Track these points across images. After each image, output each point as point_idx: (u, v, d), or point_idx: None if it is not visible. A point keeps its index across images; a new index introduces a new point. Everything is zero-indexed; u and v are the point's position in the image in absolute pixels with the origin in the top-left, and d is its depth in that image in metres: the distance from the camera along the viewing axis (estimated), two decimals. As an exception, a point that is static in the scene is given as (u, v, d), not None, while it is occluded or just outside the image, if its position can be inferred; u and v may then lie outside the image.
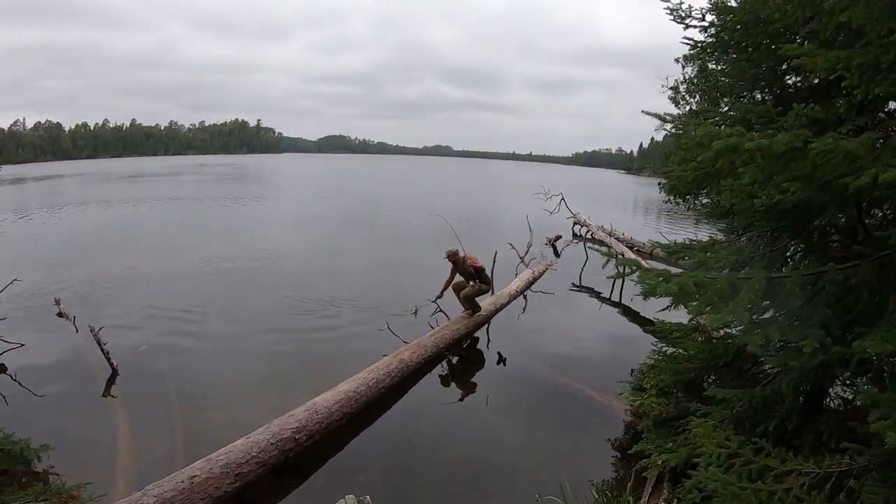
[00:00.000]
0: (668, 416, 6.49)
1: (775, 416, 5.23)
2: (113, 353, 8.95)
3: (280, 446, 6.14)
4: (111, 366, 8.78)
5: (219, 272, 15.64)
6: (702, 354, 6.58)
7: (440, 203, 12.78)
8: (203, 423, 7.41)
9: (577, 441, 7.48)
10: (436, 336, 9.97)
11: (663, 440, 6.13)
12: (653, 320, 8.27)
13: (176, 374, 8.82)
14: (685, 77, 14.44)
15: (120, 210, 31.15)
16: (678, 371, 6.64)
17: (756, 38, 5.91)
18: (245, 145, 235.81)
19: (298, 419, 6.53)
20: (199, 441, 6.68)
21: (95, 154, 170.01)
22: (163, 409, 7.70)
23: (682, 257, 6.58)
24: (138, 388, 8.40)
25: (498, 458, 6.85)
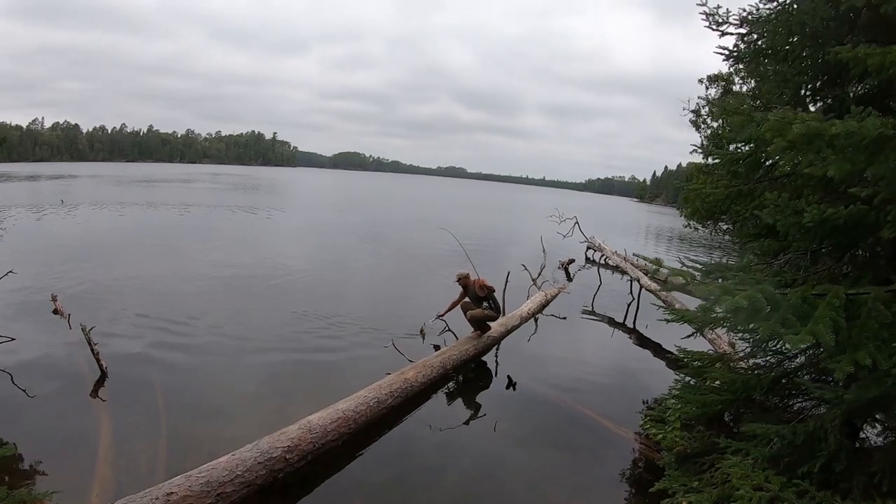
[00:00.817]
0: (693, 452, 6.01)
1: (821, 454, 4.69)
2: (105, 355, 8.63)
3: (269, 466, 5.65)
4: (100, 368, 8.45)
5: (224, 282, 15.22)
6: (732, 386, 6.05)
7: (454, 222, 12.48)
8: (189, 436, 6.96)
9: (591, 474, 7.01)
10: (443, 356, 9.49)
11: (688, 478, 5.64)
12: (671, 349, 7.81)
13: (166, 382, 8.44)
14: (707, 99, 13.95)
15: (130, 213, 30.90)
16: (705, 403, 6.13)
17: (802, 42, 5.48)
18: (260, 157, 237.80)
19: (290, 437, 6.04)
20: (183, 454, 6.36)
21: (111, 157, 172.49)
22: (149, 417, 7.30)
23: (719, 277, 6.00)
24: (126, 393, 8.03)
25: (505, 491, 6.40)
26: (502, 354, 11.31)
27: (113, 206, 33.14)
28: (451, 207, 60.89)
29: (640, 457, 7.26)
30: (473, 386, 9.75)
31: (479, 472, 6.72)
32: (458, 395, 9.20)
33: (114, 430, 6.89)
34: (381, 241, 26.52)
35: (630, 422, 8.29)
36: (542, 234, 22.53)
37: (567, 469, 7.05)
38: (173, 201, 40.22)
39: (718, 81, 14.01)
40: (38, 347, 9.37)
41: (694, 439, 6.18)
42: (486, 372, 10.47)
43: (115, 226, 25.34)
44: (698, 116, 15.38)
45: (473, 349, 10.37)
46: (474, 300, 10.73)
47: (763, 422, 5.24)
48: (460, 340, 10.61)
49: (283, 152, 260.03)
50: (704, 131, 14.87)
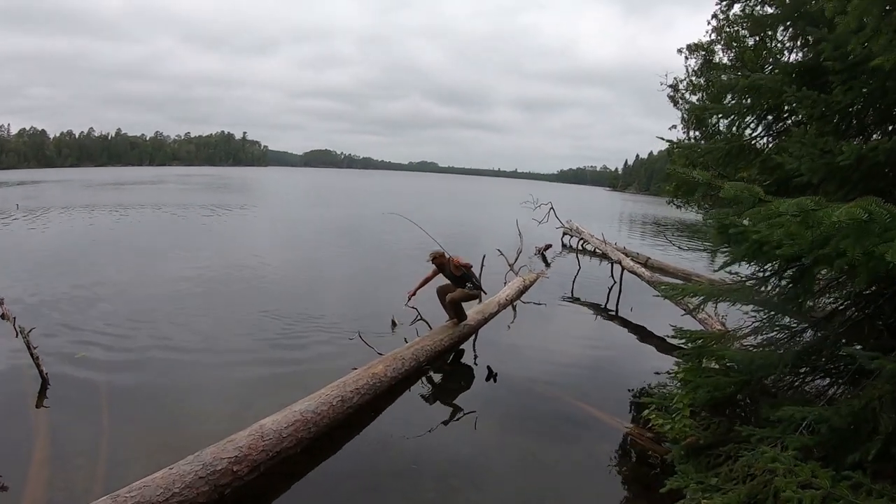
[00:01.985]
0: (706, 443, 5.24)
1: (878, 438, 3.91)
2: (53, 360, 8.05)
3: (212, 480, 4.78)
4: (41, 374, 7.59)
5: (187, 285, 13.96)
6: (749, 365, 5.27)
7: (425, 214, 11.85)
8: (132, 447, 6.13)
9: (588, 475, 6.20)
10: (415, 347, 8.63)
11: (703, 474, 4.86)
12: (658, 332, 7.06)
13: (113, 388, 7.58)
14: (688, 71, 13.26)
15: (96, 216, 29.50)
16: (717, 386, 5.34)
17: None
18: (230, 158, 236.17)
19: (238, 446, 5.16)
20: (123, 469, 5.54)
21: (80, 163, 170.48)
22: (90, 427, 6.47)
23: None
24: (68, 401, 7.21)
25: (490, 496, 5.63)
26: (480, 344, 10.56)
27: (76, 210, 31.79)
28: (420, 200, 60.03)
29: (641, 451, 6.52)
30: (450, 379, 9.00)
31: (460, 476, 5.91)
32: (433, 389, 8.39)
33: (51, 443, 6.12)
34: (345, 236, 25.58)
35: (622, 412, 7.68)
36: (517, 219, 21.92)
37: (560, 470, 6.25)
38: (142, 203, 38.98)
39: (699, 51, 13.29)
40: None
41: (703, 428, 5.41)
42: (464, 363, 9.71)
43: (76, 230, 24.04)
44: (676, 91, 14.67)
45: (449, 339, 9.54)
46: (452, 281, 9.97)
47: (785, 405, 4.46)
48: (434, 330, 9.75)
49: (253, 152, 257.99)
50: (683, 106, 14.17)
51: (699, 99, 13.09)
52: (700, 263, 20.67)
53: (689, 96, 14.03)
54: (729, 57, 12.94)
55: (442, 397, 8.18)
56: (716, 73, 12.86)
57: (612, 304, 14.78)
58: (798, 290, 5.36)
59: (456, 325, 9.91)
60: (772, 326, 5.99)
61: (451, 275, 9.93)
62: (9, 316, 9.71)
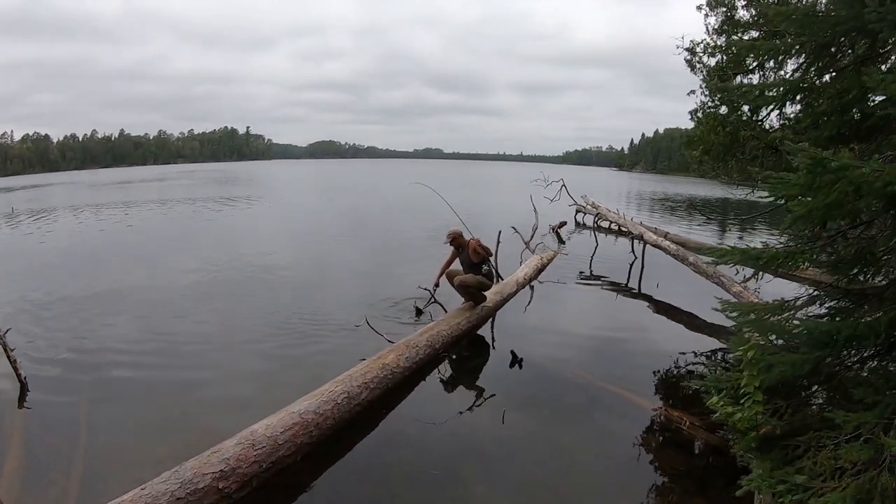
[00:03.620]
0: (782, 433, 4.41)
1: None
2: (37, 363, 7.69)
3: (193, 500, 3.99)
4: (19, 379, 6.96)
5: (188, 284, 13.00)
6: (832, 338, 4.41)
7: (435, 198, 11.34)
8: (111, 458, 5.48)
9: (643, 477, 5.31)
10: (430, 333, 7.84)
11: (783, 470, 4.05)
12: (688, 308, 6.25)
13: (95, 392, 6.91)
14: (708, 29, 12.39)
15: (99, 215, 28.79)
16: (795, 363, 4.48)
17: None
18: (235, 153, 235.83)
19: (225, 458, 4.34)
20: (100, 483, 4.99)
21: (84, 165, 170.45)
22: (66, 436, 5.82)
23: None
24: (47, 406, 6.62)
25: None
26: (499, 327, 9.80)
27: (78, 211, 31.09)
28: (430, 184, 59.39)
29: (699, 444, 5.82)
30: (469, 367, 8.19)
31: (488, 483, 5.09)
32: (451, 380, 7.60)
33: (25, 455, 5.55)
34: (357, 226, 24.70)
35: (658, 393, 7.06)
36: (531, 195, 21.19)
37: (606, 471, 5.46)
38: (148, 200, 38.24)
39: (720, 6, 12.39)
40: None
41: (772, 414, 4.59)
42: (483, 348, 8.95)
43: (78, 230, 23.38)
44: (693, 55, 13.79)
45: (466, 323, 8.77)
46: (467, 266, 9.20)
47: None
48: (450, 313, 8.99)
49: (257, 146, 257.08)
50: (700, 71, 13.31)
51: (718, 62, 12.19)
52: (714, 239, 20.35)
53: (706, 59, 13.11)
54: (751, 14, 12.06)
55: (461, 388, 7.43)
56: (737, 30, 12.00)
57: (633, 280, 13.98)
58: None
59: (472, 307, 9.16)
60: (835, 294, 5.19)
61: (467, 258, 9.20)
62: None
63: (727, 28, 12.29)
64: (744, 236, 22.08)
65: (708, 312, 9.72)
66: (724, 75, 10.31)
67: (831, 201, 3.82)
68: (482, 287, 9.22)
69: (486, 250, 9.07)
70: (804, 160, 3.74)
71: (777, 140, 8.86)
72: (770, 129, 9.01)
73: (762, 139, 9.16)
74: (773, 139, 8.92)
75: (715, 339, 9.07)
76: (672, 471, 5.34)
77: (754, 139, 9.31)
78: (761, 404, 4.50)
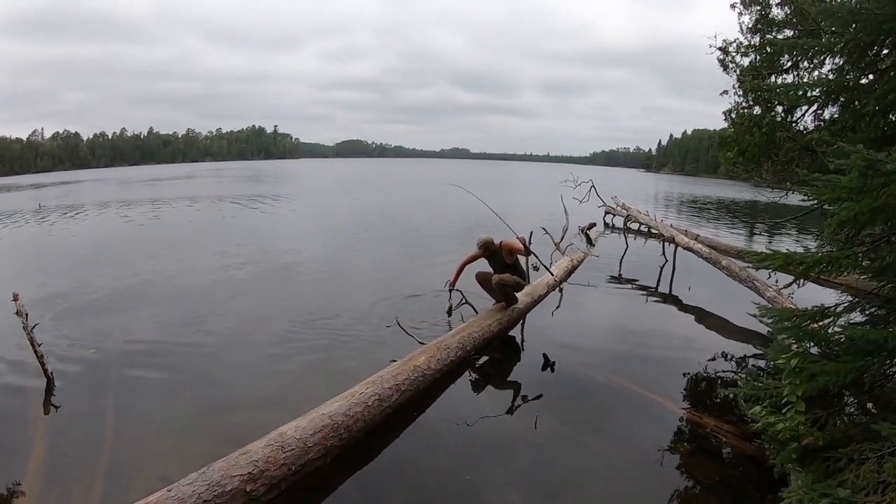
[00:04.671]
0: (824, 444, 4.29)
1: None
2: (65, 357, 7.80)
3: (220, 503, 3.94)
4: (45, 372, 6.99)
5: (223, 279, 13.19)
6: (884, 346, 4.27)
7: (467, 197, 11.20)
8: (136, 457, 5.39)
9: (678, 485, 5.18)
10: (461, 335, 7.74)
11: (824, 483, 3.93)
12: (720, 313, 6.10)
13: (121, 388, 6.87)
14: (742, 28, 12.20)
15: (130, 211, 29.12)
16: (839, 372, 4.35)
17: None
18: (262, 151, 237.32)
19: (253, 460, 4.28)
20: (124, 481, 4.93)
21: (113, 163, 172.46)
22: (91, 432, 5.81)
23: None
24: (73, 402, 6.59)
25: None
26: (529, 329, 9.66)
27: (111, 207, 31.45)
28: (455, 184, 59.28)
29: (732, 451, 5.64)
30: (500, 369, 8.08)
31: (522, 489, 5.00)
32: (482, 382, 7.49)
33: (49, 451, 5.51)
34: (385, 224, 24.65)
35: (697, 402, 6.80)
36: (560, 195, 21.05)
37: (641, 478, 5.33)
38: (176, 197, 38.63)
39: (753, 5, 12.18)
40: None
41: (813, 424, 4.46)
42: (515, 351, 8.85)
43: (110, 226, 23.69)
44: (726, 55, 13.59)
45: (498, 324, 8.66)
46: (500, 269, 9.11)
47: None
48: (481, 314, 8.89)
49: (285, 145, 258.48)
50: (734, 70, 13.10)
51: (751, 61, 11.97)
52: (743, 242, 20.32)
53: (739, 59, 12.89)
54: (785, 13, 11.85)
55: (492, 391, 7.31)
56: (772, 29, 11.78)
57: (664, 284, 13.82)
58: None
59: (504, 308, 9.06)
60: (877, 302, 5.06)
61: (501, 262, 9.11)
62: (22, 312, 9.14)
63: (761, 27, 12.12)
64: (773, 240, 21.76)
65: (740, 317, 9.56)
66: (759, 75, 10.14)
67: (879, 205, 3.70)
68: (518, 287, 9.15)
69: (522, 248, 8.99)
70: (858, 162, 3.61)
71: (813, 142, 8.69)
72: (804, 130, 8.86)
73: (798, 141, 9.00)
74: (809, 141, 8.76)
75: (748, 345, 8.90)
76: (706, 480, 5.20)
77: (790, 140, 9.15)
78: (803, 414, 4.38)
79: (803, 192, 4.93)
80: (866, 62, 5.27)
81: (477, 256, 9.30)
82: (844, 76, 5.28)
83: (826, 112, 6.39)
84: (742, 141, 9.81)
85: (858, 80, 5.24)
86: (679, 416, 6.40)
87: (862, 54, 5.17)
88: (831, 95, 5.22)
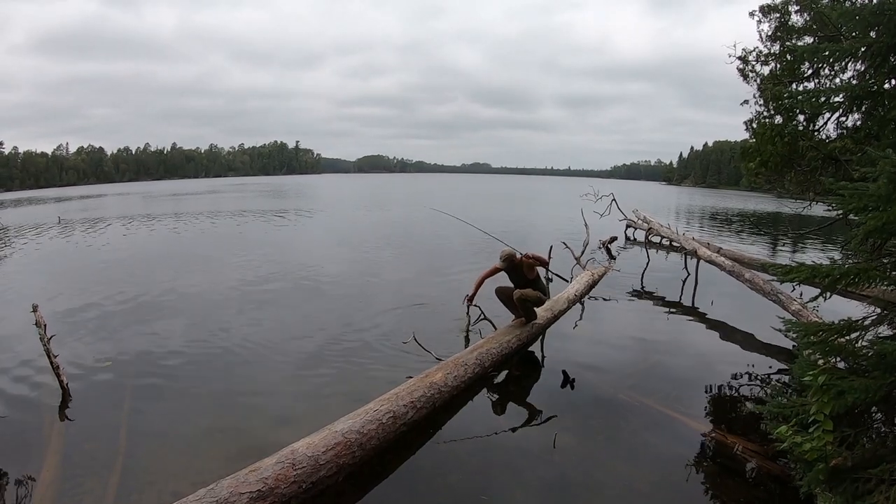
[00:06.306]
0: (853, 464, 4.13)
1: None
2: (81, 369, 7.91)
3: (227, 523, 3.84)
4: (61, 384, 7.08)
5: (240, 296, 13.07)
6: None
7: (484, 213, 10.97)
8: (149, 470, 5.37)
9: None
10: (479, 351, 7.62)
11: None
12: (743, 328, 5.93)
13: (136, 401, 6.96)
14: (761, 36, 12.05)
15: (153, 225, 29.51)
16: (868, 389, 4.18)
17: None
18: (284, 166, 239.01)
19: (263, 478, 4.20)
20: (135, 496, 4.96)
21: (137, 177, 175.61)
22: (105, 444, 5.84)
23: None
24: (88, 414, 6.66)
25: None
26: (549, 345, 9.51)
27: (136, 221, 31.86)
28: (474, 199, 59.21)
29: (757, 471, 5.47)
30: (519, 386, 7.95)
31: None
32: (500, 400, 7.35)
33: (62, 462, 5.54)
34: (405, 239, 24.64)
35: (720, 420, 6.64)
36: (581, 208, 20.86)
37: (664, 501, 5.17)
38: (198, 212, 38.80)
39: (772, 13, 12.04)
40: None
41: (841, 443, 4.29)
42: (534, 367, 8.68)
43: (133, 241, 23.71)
44: (746, 64, 13.41)
45: (517, 340, 8.52)
46: (522, 285, 8.96)
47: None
48: (500, 330, 8.74)
49: (307, 160, 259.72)
50: (754, 80, 12.92)
51: (772, 70, 11.87)
52: (766, 254, 20.27)
53: (759, 68, 12.79)
54: (805, 19, 11.74)
55: (511, 408, 7.14)
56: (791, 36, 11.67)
57: (686, 297, 13.57)
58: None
59: (523, 324, 8.93)
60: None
61: (522, 277, 8.97)
62: (41, 322, 9.19)
63: (781, 34, 11.97)
64: (796, 252, 21.44)
65: (765, 332, 9.36)
66: (779, 83, 9.99)
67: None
68: (539, 302, 9.02)
69: (542, 260, 8.85)
70: (887, 168, 3.47)
71: (837, 150, 8.53)
72: (827, 139, 8.71)
73: (822, 150, 8.84)
74: (832, 150, 8.61)
75: (773, 360, 8.74)
76: (730, 501, 5.07)
77: (813, 150, 8.99)
78: (831, 433, 4.22)
79: (828, 201, 4.79)
80: (890, 66, 5.12)
81: (498, 270, 9.11)
82: (868, 81, 5.13)
83: (849, 119, 6.25)
84: (764, 151, 9.68)
85: (882, 85, 5.09)
86: (700, 434, 6.25)
87: (885, 58, 5.03)
88: (855, 102, 5.07)
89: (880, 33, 4.81)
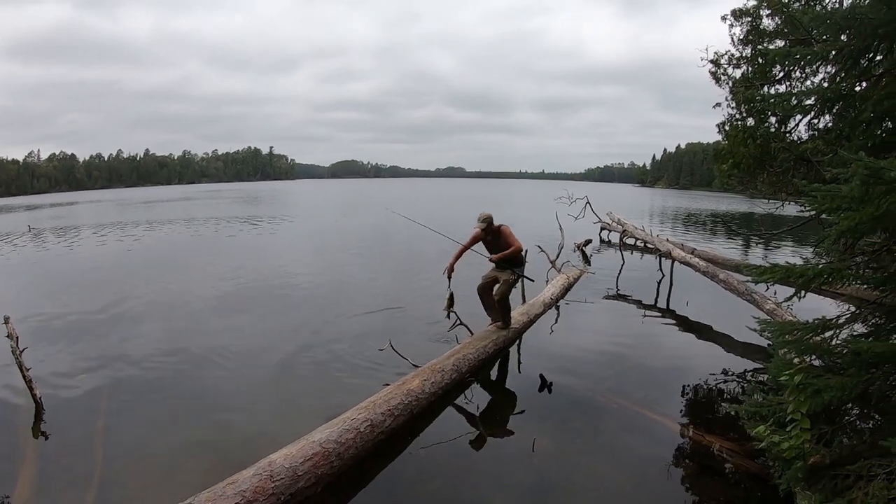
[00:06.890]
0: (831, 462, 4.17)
1: None
2: (56, 381, 7.77)
3: (205, 537, 3.78)
4: (34, 398, 6.93)
5: (209, 298, 13.32)
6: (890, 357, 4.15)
7: (446, 217, 10.91)
8: (125, 484, 5.31)
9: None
10: (456, 356, 7.60)
11: (833, 501, 3.85)
12: (719, 328, 5.97)
13: (111, 414, 6.82)
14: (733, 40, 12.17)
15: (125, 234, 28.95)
16: (844, 387, 4.22)
17: None
18: (258, 172, 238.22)
19: (241, 490, 4.13)
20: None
21: (110, 184, 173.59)
22: (81, 459, 5.74)
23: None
24: (62, 428, 6.52)
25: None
26: (526, 349, 9.51)
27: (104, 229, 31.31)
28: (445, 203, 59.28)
29: (736, 470, 5.50)
30: (496, 391, 7.97)
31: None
32: (479, 405, 7.29)
33: (38, 476, 5.47)
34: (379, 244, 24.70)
35: (698, 420, 6.64)
36: (556, 212, 20.95)
37: (644, 500, 5.19)
38: (172, 219, 38.57)
39: (744, 17, 12.17)
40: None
41: (818, 441, 4.33)
42: (511, 372, 8.67)
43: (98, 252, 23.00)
44: (718, 67, 13.56)
45: (494, 345, 8.52)
46: (497, 251, 8.80)
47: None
48: (477, 335, 8.72)
49: (281, 166, 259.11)
50: (726, 83, 13.06)
51: (744, 73, 11.97)
52: (740, 255, 20.53)
53: (731, 71, 12.89)
54: (776, 23, 11.86)
55: (489, 413, 7.11)
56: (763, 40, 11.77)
57: (662, 299, 13.68)
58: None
59: (500, 328, 8.94)
60: (880, 312, 4.95)
61: (499, 246, 8.80)
62: (13, 335, 9.04)
63: (752, 38, 12.10)
64: (769, 253, 21.62)
65: (740, 331, 9.42)
66: (751, 86, 10.08)
67: (880, 214, 3.60)
68: (513, 285, 9.04)
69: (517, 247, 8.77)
70: (859, 170, 3.51)
71: (808, 152, 8.61)
72: (799, 140, 8.79)
73: (793, 151, 8.91)
74: (804, 151, 8.68)
75: (748, 360, 8.81)
76: (710, 500, 5.12)
77: (785, 151, 9.07)
78: (809, 431, 4.25)
79: (800, 202, 4.83)
80: (860, 69, 5.18)
81: (477, 238, 8.95)
82: (839, 84, 5.19)
83: (820, 121, 6.31)
84: (736, 153, 9.75)
85: (853, 88, 5.15)
86: (678, 434, 6.27)
87: (856, 61, 5.09)
88: (826, 104, 5.13)
89: (851, 36, 4.87)
